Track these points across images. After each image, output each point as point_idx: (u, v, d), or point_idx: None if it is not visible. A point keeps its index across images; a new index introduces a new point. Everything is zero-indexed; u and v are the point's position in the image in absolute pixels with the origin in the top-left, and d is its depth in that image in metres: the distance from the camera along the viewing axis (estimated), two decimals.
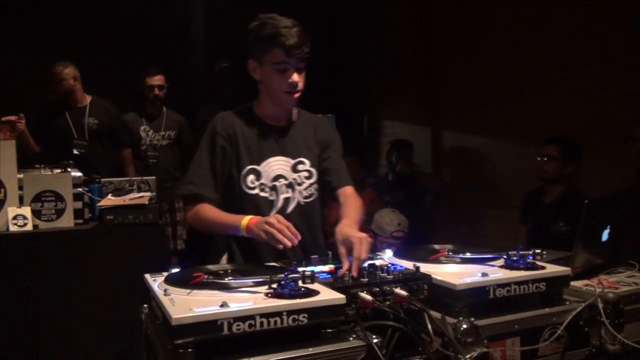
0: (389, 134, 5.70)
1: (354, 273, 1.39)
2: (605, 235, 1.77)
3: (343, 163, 2.13)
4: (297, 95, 1.95)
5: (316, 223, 2.09)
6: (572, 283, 1.55)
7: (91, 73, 4.21)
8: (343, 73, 5.83)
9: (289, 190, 2.01)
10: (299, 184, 2.03)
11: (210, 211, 1.95)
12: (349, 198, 2.00)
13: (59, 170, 2.89)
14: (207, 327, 1.10)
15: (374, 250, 1.73)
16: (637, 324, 1.55)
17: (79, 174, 2.91)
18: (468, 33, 4.69)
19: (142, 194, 3.02)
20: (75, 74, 4.04)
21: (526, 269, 1.48)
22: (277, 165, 2.00)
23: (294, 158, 2.03)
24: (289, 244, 1.66)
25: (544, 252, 1.62)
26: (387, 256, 1.67)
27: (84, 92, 4.14)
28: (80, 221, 2.84)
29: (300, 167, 2.04)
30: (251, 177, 1.98)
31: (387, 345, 1.22)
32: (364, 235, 1.55)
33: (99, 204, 2.92)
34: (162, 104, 4.50)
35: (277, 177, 2.00)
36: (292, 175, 2.02)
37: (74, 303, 2.66)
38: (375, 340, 1.18)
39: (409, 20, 5.45)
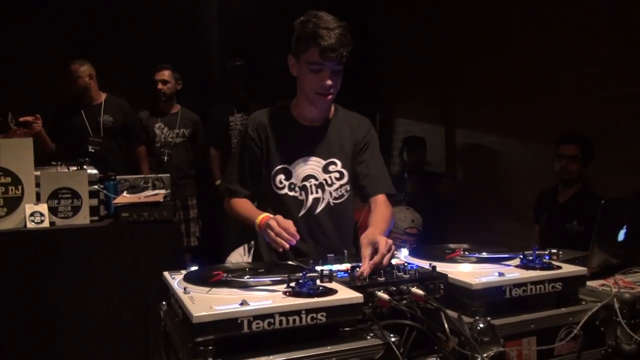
0: (402, 132, 5.69)
1: (365, 272, 1.38)
2: (621, 235, 1.77)
3: (382, 168, 2.10)
4: (329, 97, 1.92)
5: (346, 224, 2.09)
6: (588, 283, 1.55)
7: (107, 72, 4.24)
8: (356, 72, 5.82)
9: (319, 190, 2.01)
10: (330, 185, 2.02)
11: (239, 205, 2.04)
12: (380, 206, 1.97)
13: (75, 168, 2.93)
14: (227, 325, 1.11)
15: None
16: None
17: (94, 171, 2.94)
18: (482, 33, 4.66)
19: (156, 191, 3.05)
20: (91, 71, 4.08)
21: (542, 268, 1.49)
22: (308, 165, 2.00)
23: (325, 159, 2.02)
24: (286, 246, 1.72)
25: (560, 252, 1.62)
26: (403, 255, 1.68)
27: (99, 90, 4.18)
28: (96, 218, 2.88)
29: (331, 167, 2.03)
30: (281, 176, 2.00)
31: (404, 344, 1.23)
32: (391, 241, 1.53)
33: (115, 201, 2.96)
34: (174, 101, 4.52)
35: (308, 177, 2.00)
36: (322, 176, 2.01)
37: (90, 299, 2.69)
38: (392, 339, 1.19)
39: (424, 20, 5.43)
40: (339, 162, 2.03)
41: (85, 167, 2.94)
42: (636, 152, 2.85)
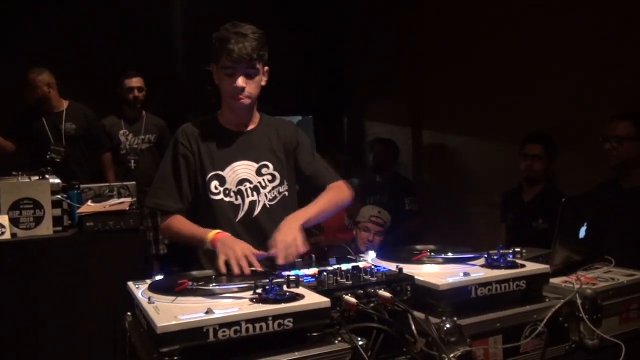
0: (371, 134, 5.74)
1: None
2: (582, 232, 1.81)
3: (321, 162, 2.17)
4: (244, 100, 1.96)
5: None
6: (552, 280, 1.58)
7: (71, 78, 4.16)
8: (325, 74, 5.85)
9: (255, 193, 2.04)
10: (264, 187, 2.06)
11: (179, 223, 1.98)
12: (326, 191, 2.07)
13: (37, 178, 2.86)
14: (192, 335, 1.10)
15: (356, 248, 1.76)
16: (614, 319, 1.59)
17: (57, 180, 2.87)
18: (451, 36, 4.74)
19: (122, 199, 3.00)
20: (49, 80, 3.99)
21: (507, 267, 1.51)
22: (241, 169, 2.04)
23: (257, 162, 2.06)
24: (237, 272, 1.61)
25: (524, 251, 1.65)
26: (370, 258, 1.69)
27: (60, 98, 4.09)
28: (60, 229, 2.81)
29: (264, 170, 2.07)
30: (215, 182, 2.01)
31: (372, 347, 1.23)
32: (290, 240, 1.73)
33: (79, 211, 2.89)
34: (142, 107, 4.46)
35: (243, 182, 2.03)
36: (257, 179, 2.05)
37: (56, 312, 2.64)
38: (360, 343, 1.19)
39: (393, 23, 5.48)
40: (270, 165, 2.08)
41: (47, 176, 2.87)
42: (596, 149, 2.92)
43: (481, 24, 4.36)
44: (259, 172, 2.06)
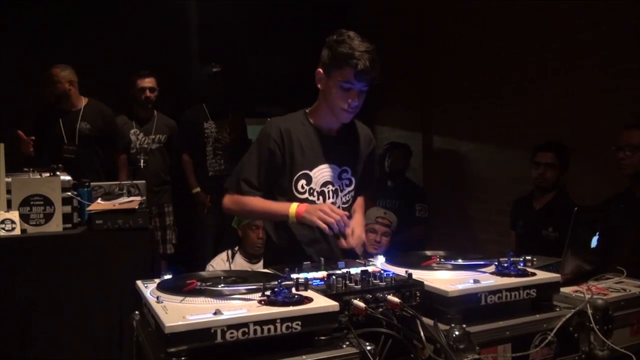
0: (381, 139, 5.72)
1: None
2: (594, 242, 1.79)
3: (374, 177, 2.35)
4: (352, 113, 2.03)
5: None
6: (562, 289, 1.57)
7: (83, 76, 4.18)
8: None
9: (334, 196, 2.12)
10: (342, 191, 2.14)
11: (255, 200, 2.05)
12: (364, 203, 2.28)
13: (47, 174, 2.87)
14: (200, 335, 1.09)
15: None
16: (625, 330, 1.57)
17: (68, 177, 2.88)
18: (463, 41, 4.73)
19: (132, 198, 3.01)
20: (71, 78, 4.00)
21: (517, 275, 1.50)
22: (326, 172, 2.09)
23: (340, 166, 2.12)
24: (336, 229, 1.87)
25: (535, 259, 1.64)
26: (379, 262, 1.68)
27: (80, 96, 4.09)
28: (69, 225, 2.82)
29: (344, 175, 2.14)
30: (302, 181, 2.06)
31: (380, 352, 1.22)
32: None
33: (89, 208, 2.90)
34: (154, 107, 4.47)
35: (326, 184, 2.10)
36: (337, 182, 2.12)
37: (63, 308, 2.64)
38: (368, 348, 1.18)
39: (403, 29, 5.48)
40: (350, 170, 2.15)
41: (58, 173, 2.89)
42: (609, 158, 2.90)
43: (494, 30, 4.34)
44: (339, 176, 2.13)
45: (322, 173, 2.08)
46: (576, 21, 3.63)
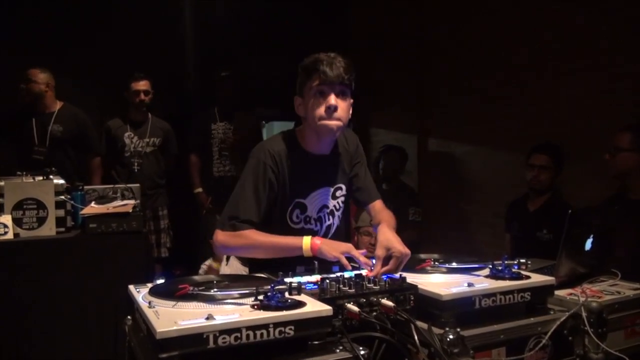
0: (376, 141, 5.72)
1: (377, 274, 1.52)
2: (588, 244, 1.79)
3: (370, 177, 2.17)
4: (335, 122, 1.88)
5: (342, 230, 2.16)
6: (556, 292, 1.57)
7: (77, 79, 4.16)
8: None
9: (331, 217, 2.06)
10: (338, 210, 2.08)
11: (258, 235, 1.85)
12: (381, 211, 2.06)
13: (40, 178, 2.85)
14: (192, 341, 1.08)
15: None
16: (619, 333, 1.57)
17: (61, 181, 2.87)
18: (456, 43, 4.74)
19: (125, 201, 2.99)
20: (49, 80, 4.01)
21: (511, 278, 1.49)
22: (321, 196, 2.02)
23: (332, 186, 2.05)
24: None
25: (529, 262, 1.63)
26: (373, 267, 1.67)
27: (55, 100, 4.09)
28: (63, 229, 2.81)
29: (338, 193, 2.08)
30: (297, 211, 1.98)
31: (373, 357, 1.22)
32: (407, 252, 1.65)
33: (82, 212, 2.89)
34: (148, 110, 4.46)
35: (322, 208, 2.03)
36: (332, 203, 2.06)
37: (57, 313, 2.63)
38: (362, 352, 1.18)
39: (399, 32, 5.48)
40: (343, 187, 2.09)
41: (51, 177, 2.87)
42: (604, 161, 2.90)
43: (490, 34, 4.35)
44: (333, 195, 2.06)
45: (317, 198, 2.01)
46: (573, 23, 3.64)
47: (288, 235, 1.87)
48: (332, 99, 1.87)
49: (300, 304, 1.22)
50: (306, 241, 1.78)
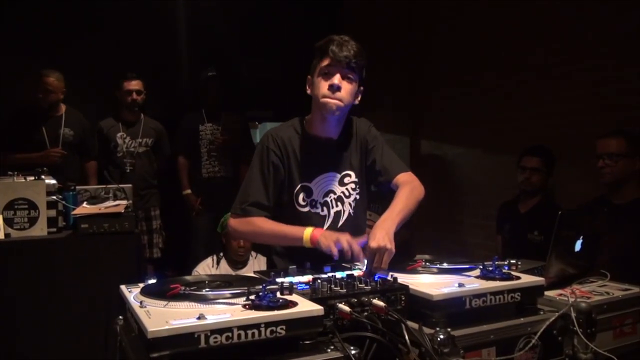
0: None
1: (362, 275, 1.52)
2: (578, 246, 1.80)
3: (389, 155, 2.12)
4: (335, 101, 1.91)
5: (363, 225, 2.15)
6: (546, 293, 1.58)
7: (69, 78, 4.15)
8: None
9: (339, 203, 2.05)
10: (347, 197, 2.07)
11: (265, 222, 1.95)
12: (400, 186, 2.00)
13: (32, 178, 2.84)
14: (183, 340, 1.08)
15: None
16: (608, 333, 1.59)
17: (53, 181, 2.86)
18: (448, 45, 4.76)
19: (117, 202, 2.98)
20: (63, 88, 4.04)
21: (502, 279, 1.50)
22: (327, 180, 2.03)
23: (340, 172, 2.06)
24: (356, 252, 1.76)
25: (519, 262, 1.64)
26: (364, 266, 1.68)
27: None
28: (54, 230, 2.80)
29: (346, 179, 2.07)
30: (302, 194, 2.01)
31: (364, 357, 1.22)
32: (380, 246, 1.63)
33: (74, 212, 2.88)
34: (140, 110, 4.45)
35: (328, 193, 2.04)
36: (340, 189, 2.05)
37: (48, 313, 2.62)
38: (353, 352, 1.18)
39: (391, 32, 5.50)
40: (352, 174, 2.08)
41: (43, 177, 2.86)
42: (594, 163, 2.92)
43: (483, 36, 4.37)
44: (341, 182, 2.06)
45: (322, 183, 2.02)
46: (564, 27, 3.67)
47: (294, 224, 1.92)
48: (337, 79, 1.90)
49: (292, 304, 1.22)
50: (307, 232, 1.84)
